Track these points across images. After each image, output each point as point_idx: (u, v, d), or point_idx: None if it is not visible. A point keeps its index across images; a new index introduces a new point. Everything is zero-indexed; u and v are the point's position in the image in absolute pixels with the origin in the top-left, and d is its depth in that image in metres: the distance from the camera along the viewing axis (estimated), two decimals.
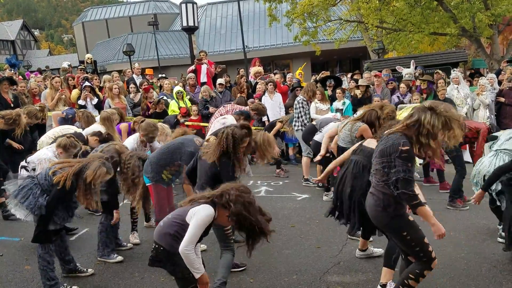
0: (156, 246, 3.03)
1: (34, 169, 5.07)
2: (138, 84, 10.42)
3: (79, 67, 13.04)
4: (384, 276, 3.78)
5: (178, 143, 4.67)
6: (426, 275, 3.21)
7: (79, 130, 6.41)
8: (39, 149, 5.71)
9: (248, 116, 6.64)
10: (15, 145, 6.74)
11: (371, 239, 4.65)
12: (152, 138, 5.48)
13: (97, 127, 6.32)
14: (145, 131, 5.39)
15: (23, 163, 5.27)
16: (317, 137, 6.88)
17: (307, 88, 8.27)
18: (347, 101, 9.39)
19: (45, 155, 5.06)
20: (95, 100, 9.19)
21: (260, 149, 4.20)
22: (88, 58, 13.49)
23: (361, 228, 4.40)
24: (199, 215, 2.88)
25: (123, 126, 7.00)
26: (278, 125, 8.52)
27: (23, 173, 5.18)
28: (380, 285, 3.78)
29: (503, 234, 4.61)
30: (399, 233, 3.19)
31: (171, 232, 2.97)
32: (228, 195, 2.89)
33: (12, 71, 11.96)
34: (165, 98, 9.83)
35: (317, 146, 6.72)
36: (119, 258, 4.76)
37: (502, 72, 11.10)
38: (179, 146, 4.53)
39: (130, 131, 6.75)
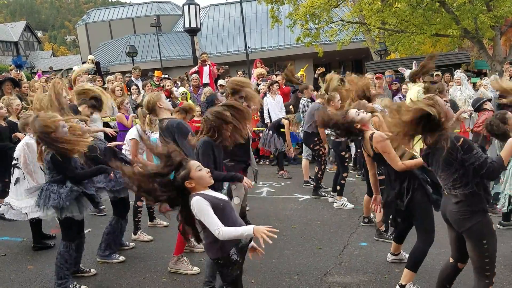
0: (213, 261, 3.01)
1: None
2: (141, 85, 10.42)
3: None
4: (405, 277, 3.76)
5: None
6: None
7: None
8: None
9: None
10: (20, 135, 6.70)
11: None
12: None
13: None
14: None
15: (14, 161, 5.09)
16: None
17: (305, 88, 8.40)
18: None
19: (24, 141, 4.95)
20: None
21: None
22: (90, 59, 13.52)
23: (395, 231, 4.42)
24: (199, 208, 2.78)
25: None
26: (286, 122, 8.52)
27: (16, 172, 5.04)
28: (399, 285, 3.77)
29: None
30: (480, 240, 3.05)
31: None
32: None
33: (18, 72, 11.92)
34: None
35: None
36: (121, 258, 4.78)
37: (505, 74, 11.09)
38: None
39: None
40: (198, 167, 2.85)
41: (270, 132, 8.43)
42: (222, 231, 2.70)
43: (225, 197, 2.99)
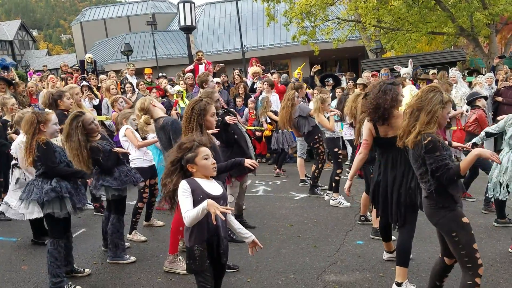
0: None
1: None
2: (134, 84, 10.37)
3: (73, 67, 13.01)
4: (399, 274, 3.74)
5: None
6: (480, 282, 3.04)
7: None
8: None
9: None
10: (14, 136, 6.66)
11: (393, 238, 4.50)
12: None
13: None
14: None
15: (14, 161, 5.15)
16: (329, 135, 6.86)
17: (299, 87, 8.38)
18: None
19: (18, 139, 4.93)
20: (97, 101, 9.16)
21: None
22: (89, 57, 13.48)
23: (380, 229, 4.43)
24: (179, 191, 2.86)
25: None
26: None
27: (15, 172, 5.11)
28: (395, 283, 3.75)
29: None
30: (449, 233, 3.09)
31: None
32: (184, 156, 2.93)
33: (6, 73, 11.56)
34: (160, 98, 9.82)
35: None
36: (132, 258, 4.71)
37: (498, 71, 11.13)
38: None
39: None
40: (205, 155, 2.92)
41: (280, 131, 8.50)
42: (186, 215, 2.76)
43: (218, 193, 2.93)
